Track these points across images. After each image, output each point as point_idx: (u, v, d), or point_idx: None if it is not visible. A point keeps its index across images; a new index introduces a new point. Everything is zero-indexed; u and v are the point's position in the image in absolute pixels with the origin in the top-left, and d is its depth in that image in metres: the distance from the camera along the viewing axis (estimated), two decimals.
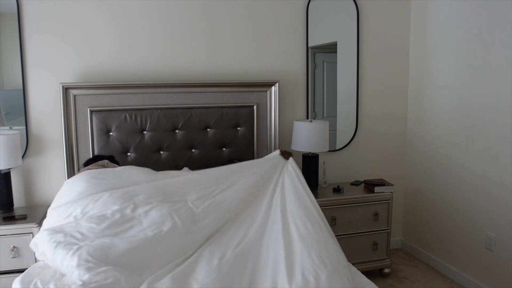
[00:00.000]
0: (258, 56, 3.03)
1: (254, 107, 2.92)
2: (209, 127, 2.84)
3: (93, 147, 2.63)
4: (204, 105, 2.81)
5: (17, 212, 2.52)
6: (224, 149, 2.89)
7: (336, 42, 3.24)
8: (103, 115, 2.63)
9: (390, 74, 3.37)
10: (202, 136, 2.82)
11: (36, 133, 2.67)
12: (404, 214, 3.56)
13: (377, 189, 2.99)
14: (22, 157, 2.62)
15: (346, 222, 2.92)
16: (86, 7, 2.67)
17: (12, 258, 2.32)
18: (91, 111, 2.61)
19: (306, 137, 2.86)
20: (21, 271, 2.08)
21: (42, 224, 2.36)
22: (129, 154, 2.69)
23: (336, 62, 3.25)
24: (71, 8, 2.64)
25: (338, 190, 3.01)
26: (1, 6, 2.54)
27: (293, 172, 2.28)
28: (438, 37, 3.08)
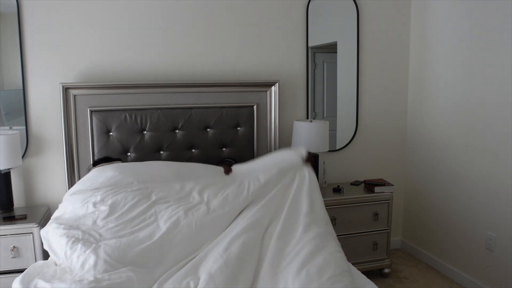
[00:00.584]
0: (258, 56, 3.03)
1: (254, 107, 2.92)
2: (209, 127, 2.84)
3: (93, 147, 2.63)
4: (204, 105, 2.81)
5: (17, 212, 2.52)
6: (224, 149, 2.89)
7: (336, 42, 3.24)
8: (103, 115, 2.63)
9: (390, 74, 3.37)
10: (202, 136, 2.82)
11: (36, 133, 2.67)
12: (404, 214, 3.56)
13: (377, 189, 2.99)
14: (22, 157, 2.62)
15: (346, 222, 2.92)
16: (86, 7, 2.67)
17: (12, 258, 2.32)
18: (91, 111, 2.61)
19: (306, 137, 2.86)
20: (21, 271, 2.08)
21: (42, 224, 2.37)
22: (129, 154, 2.69)
23: (336, 62, 3.25)
24: (71, 8, 2.64)
25: (338, 190, 3.01)
26: (1, 6, 2.54)
27: (308, 179, 2.35)
28: (438, 37, 3.08)
